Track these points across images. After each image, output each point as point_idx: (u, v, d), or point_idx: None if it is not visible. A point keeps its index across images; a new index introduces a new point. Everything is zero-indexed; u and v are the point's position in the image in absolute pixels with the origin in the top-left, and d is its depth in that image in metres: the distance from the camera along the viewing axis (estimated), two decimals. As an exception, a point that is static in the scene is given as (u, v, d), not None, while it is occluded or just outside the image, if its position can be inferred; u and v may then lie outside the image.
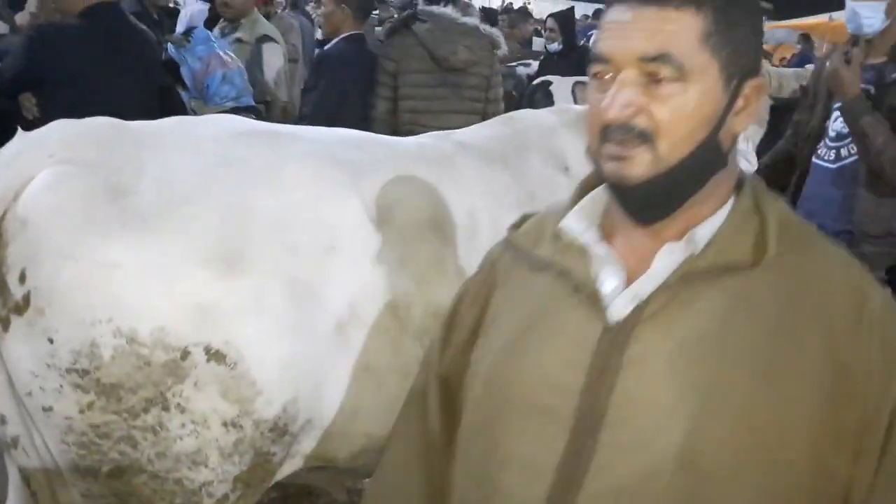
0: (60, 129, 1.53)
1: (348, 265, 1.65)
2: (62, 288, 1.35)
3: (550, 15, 7.70)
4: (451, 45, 3.65)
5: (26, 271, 1.36)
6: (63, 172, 1.40)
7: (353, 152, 1.81)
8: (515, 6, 14.77)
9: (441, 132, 2.30)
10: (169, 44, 3.87)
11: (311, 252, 1.58)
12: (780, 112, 5.15)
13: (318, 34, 6.52)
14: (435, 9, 3.77)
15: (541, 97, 5.23)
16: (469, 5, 6.64)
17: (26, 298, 1.36)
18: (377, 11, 10.26)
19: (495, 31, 3.98)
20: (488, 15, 7.41)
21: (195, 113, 3.47)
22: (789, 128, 3.06)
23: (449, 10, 3.78)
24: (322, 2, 4.14)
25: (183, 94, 3.68)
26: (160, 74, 3.54)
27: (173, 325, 1.40)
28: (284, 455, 1.66)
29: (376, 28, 7.71)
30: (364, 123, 2.52)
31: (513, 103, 4.98)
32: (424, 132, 3.39)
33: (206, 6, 5.08)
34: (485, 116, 3.56)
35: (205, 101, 3.63)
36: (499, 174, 2.12)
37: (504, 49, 4.01)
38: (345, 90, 3.61)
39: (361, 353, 1.70)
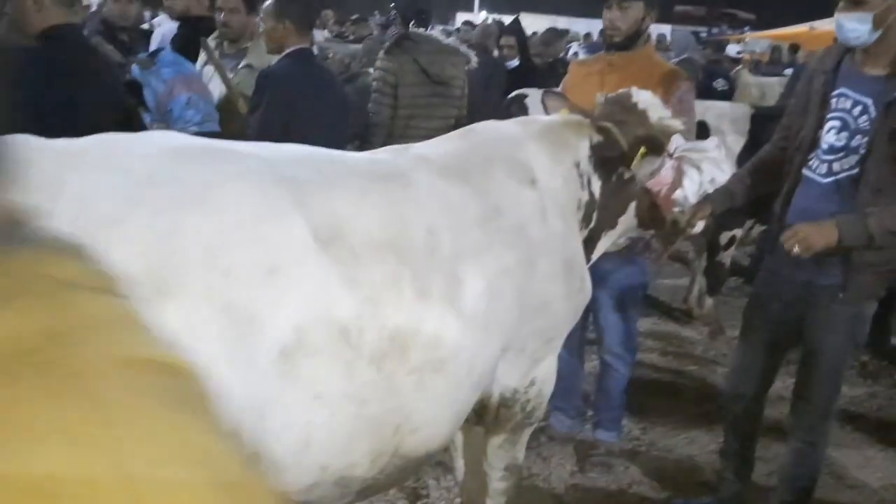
0: (-30, 149, 1.43)
1: (292, 288, 1.55)
2: None
3: (505, 30, 7.59)
4: (440, 64, 4.41)
5: (-70, 303, 1.25)
6: None
7: (299, 169, 1.72)
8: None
9: (398, 146, 2.22)
10: (134, 65, 3.77)
11: (249, 275, 1.48)
12: (763, 121, 5.11)
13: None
14: (424, 32, 4.51)
15: (516, 110, 5.16)
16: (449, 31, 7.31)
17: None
18: (347, 28, 10.25)
19: (469, 51, 4.78)
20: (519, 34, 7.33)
21: (157, 136, 3.37)
22: (777, 132, 2.96)
23: (436, 34, 4.61)
24: (262, 18, 3.92)
25: (146, 116, 3.58)
26: (121, 97, 3.44)
27: None
28: (228, 492, 1.55)
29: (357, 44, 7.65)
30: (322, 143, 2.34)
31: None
32: (418, 132, 4.22)
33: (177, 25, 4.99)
34: (458, 118, 4.45)
35: (168, 125, 3.52)
36: (459, 188, 2.03)
37: (474, 63, 4.77)
38: (291, 110, 3.47)
39: (310, 380, 1.60)
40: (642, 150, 2.42)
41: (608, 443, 3.70)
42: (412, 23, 4.48)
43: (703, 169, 2.57)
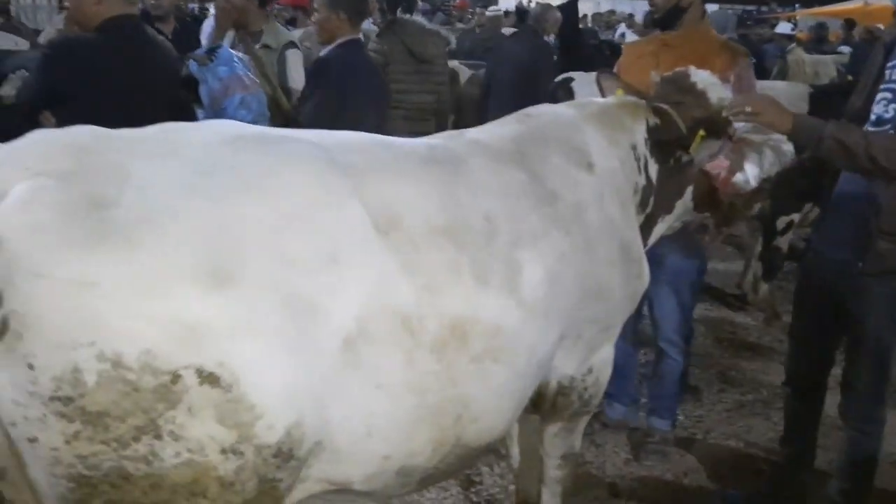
0: (38, 140, 1.44)
1: (353, 277, 1.54)
2: (38, 309, 1.25)
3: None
4: (423, 45, 4.99)
5: (3, 293, 1.26)
6: (39, 186, 1.31)
7: (356, 155, 1.70)
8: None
9: (453, 131, 2.19)
10: (191, 60, 3.81)
11: (310, 264, 1.47)
12: (819, 98, 4.97)
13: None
14: (409, 17, 5.16)
15: (562, 95, 5.10)
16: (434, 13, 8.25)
17: (5, 322, 1.26)
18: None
19: (449, 33, 5.60)
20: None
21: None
22: (845, 114, 2.86)
23: (419, 18, 5.25)
24: (316, 8, 4.08)
25: (199, 112, 3.62)
26: (178, 90, 3.47)
27: (161, 346, 1.30)
28: (293, 481, 1.55)
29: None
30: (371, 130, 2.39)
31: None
32: (405, 106, 4.90)
33: None
34: (439, 95, 5.19)
35: None
36: (516, 173, 2.00)
37: (453, 45, 5.50)
38: (344, 98, 3.55)
39: (372, 369, 1.59)
40: (701, 132, 2.36)
41: (663, 431, 3.65)
42: (399, 9, 5.18)
43: (764, 152, 2.49)
